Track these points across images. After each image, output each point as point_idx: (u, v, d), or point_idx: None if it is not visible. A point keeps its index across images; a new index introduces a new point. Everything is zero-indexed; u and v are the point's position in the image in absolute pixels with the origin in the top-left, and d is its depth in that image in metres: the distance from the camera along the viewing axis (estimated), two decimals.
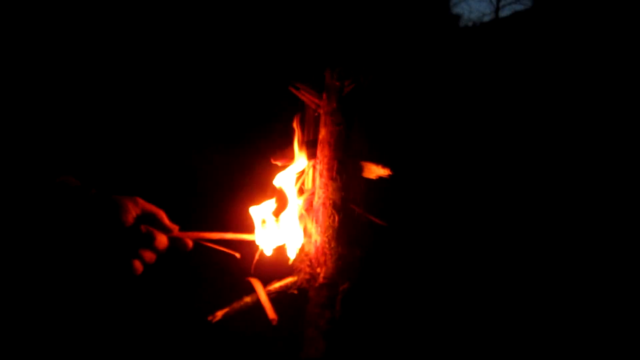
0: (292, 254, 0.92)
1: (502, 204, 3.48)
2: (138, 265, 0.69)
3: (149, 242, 0.70)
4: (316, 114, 1.04)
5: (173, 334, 1.68)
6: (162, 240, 0.72)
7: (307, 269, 1.04)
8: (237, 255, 0.84)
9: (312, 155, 1.05)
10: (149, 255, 0.71)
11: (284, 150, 1.09)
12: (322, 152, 1.01)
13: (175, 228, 0.76)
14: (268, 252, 0.90)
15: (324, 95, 1.00)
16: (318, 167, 1.02)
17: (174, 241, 0.75)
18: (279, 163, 1.06)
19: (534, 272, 2.58)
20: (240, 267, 0.99)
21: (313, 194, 1.04)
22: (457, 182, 3.76)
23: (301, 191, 1.08)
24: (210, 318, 0.89)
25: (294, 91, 1.05)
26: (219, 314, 0.90)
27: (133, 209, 0.70)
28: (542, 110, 5.63)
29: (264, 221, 0.90)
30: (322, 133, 1.01)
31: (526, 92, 6.18)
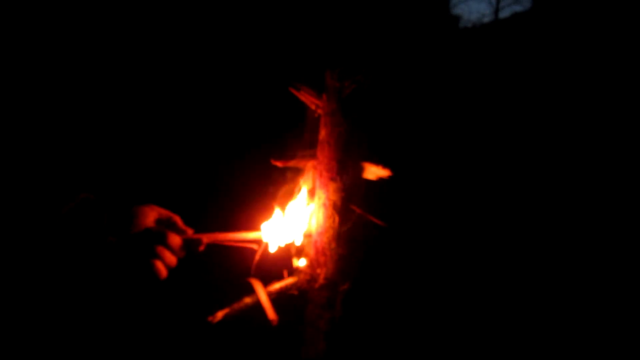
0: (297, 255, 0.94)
1: (502, 204, 3.48)
2: (160, 265, 0.73)
3: (162, 240, 0.73)
4: (316, 115, 1.04)
5: (173, 334, 1.68)
6: (174, 239, 0.75)
7: (307, 270, 1.04)
8: (255, 247, 0.90)
9: (312, 156, 1.05)
10: (168, 256, 0.74)
11: (284, 151, 1.09)
12: (322, 152, 1.01)
13: (190, 231, 0.81)
14: (273, 249, 0.94)
15: (324, 96, 1.00)
16: (318, 167, 1.02)
17: (188, 242, 0.79)
18: (279, 164, 1.06)
19: (534, 272, 2.59)
20: (240, 267, 0.99)
21: (313, 194, 1.05)
22: (456, 182, 3.76)
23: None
24: (210, 319, 0.89)
25: (294, 92, 1.05)
26: (219, 314, 0.90)
27: (151, 214, 0.76)
28: (541, 111, 5.64)
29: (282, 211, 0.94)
30: (322, 134, 1.01)
31: (525, 92, 6.18)
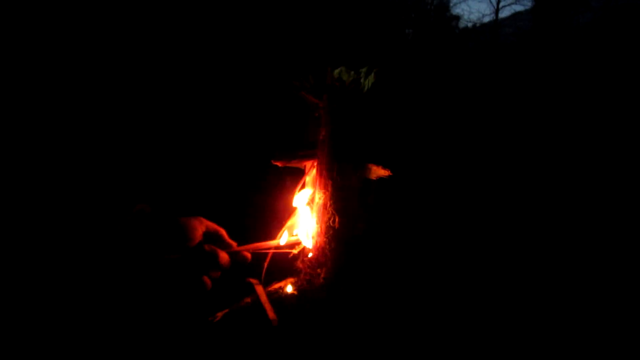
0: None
1: (501, 204, 3.48)
2: (207, 281, 0.78)
3: (214, 260, 0.78)
4: (317, 115, 1.04)
5: (173, 334, 1.68)
6: (224, 256, 0.80)
7: (307, 270, 1.03)
8: (295, 252, 0.95)
9: (312, 155, 1.05)
10: (215, 272, 0.79)
11: (284, 151, 1.09)
12: (322, 152, 1.01)
13: (234, 244, 0.84)
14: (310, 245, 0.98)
15: (324, 96, 1.00)
16: (318, 167, 1.02)
17: (234, 256, 0.82)
18: (279, 164, 1.06)
19: (533, 273, 2.59)
20: (240, 268, 0.99)
21: (314, 195, 1.04)
22: (457, 182, 3.76)
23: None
24: (210, 319, 0.89)
25: (294, 91, 1.05)
26: (219, 314, 0.90)
27: (199, 228, 0.78)
28: (541, 111, 5.63)
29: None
30: (323, 133, 1.01)
31: (525, 93, 6.18)
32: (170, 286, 0.75)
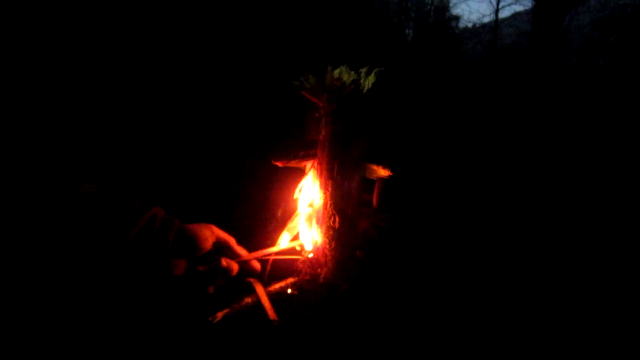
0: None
1: (502, 205, 3.48)
2: (211, 289, 0.81)
3: (228, 274, 0.80)
4: (317, 115, 1.04)
5: (173, 334, 1.67)
6: (235, 268, 0.82)
7: (308, 270, 1.04)
8: (303, 258, 0.97)
9: (312, 155, 1.05)
10: (222, 282, 0.82)
11: (284, 151, 1.09)
12: (322, 152, 1.01)
13: (243, 253, 0.85)
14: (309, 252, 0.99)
15: (324, 96, 1.00)
16: (318, 167, 1.02)
17: (242, 265, 0.84)
18: (279, 164, 1.06)
19: (534, 273, 2.58)
20: (240, 268, 0.99)
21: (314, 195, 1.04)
22: (457, 182, 3.76)
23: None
24: (210, 319, 0.89)
25: (294, 91, 1.05)
26: (219, 314, 0.90)
27: (210, 237, 0.79)
28: (541, 112, 5.63)
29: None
30: (323, 133, 1.01)
31: (525, 93, 6.18)
32: (175, 293, 0.75)
